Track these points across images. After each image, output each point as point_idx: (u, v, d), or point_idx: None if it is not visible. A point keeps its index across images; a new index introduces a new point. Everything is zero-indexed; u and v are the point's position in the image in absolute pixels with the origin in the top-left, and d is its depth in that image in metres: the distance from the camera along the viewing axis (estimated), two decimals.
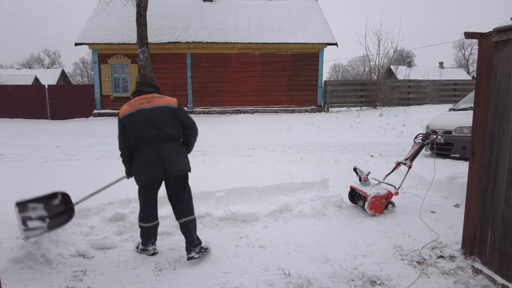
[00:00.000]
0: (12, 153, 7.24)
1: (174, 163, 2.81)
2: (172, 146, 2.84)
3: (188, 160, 2.98)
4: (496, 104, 2.40)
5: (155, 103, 2.86)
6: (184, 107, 3.03)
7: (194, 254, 2.83)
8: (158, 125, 2.80)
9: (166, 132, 2.82)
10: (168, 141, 2.84)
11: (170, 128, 2.84)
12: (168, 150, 2.81)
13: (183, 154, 2.93)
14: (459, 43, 45.63)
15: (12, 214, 3.16)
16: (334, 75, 55.73)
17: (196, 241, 2.89)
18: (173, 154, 2.82)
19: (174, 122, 2.88)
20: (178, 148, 2.90)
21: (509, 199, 2.28)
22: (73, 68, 54.51)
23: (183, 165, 2.88)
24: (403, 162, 4.22)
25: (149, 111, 2.82)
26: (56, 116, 15.39)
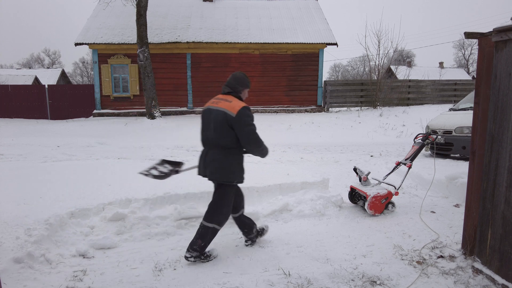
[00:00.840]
0: (12, 153, 7.25)
1: (211, 169, 2.83)
2: (217, 153, 2.82)
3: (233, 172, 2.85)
4: (496, 104, 2.40)
5: (219, 105, 2.82)
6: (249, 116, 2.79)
7: (189, 255, 2.81)
8: (212, 130, 2.81)
9: (216, 139, 2.80)
10: (216, 148, 2.83)
11: (219, 136, 2.78)
12: (212, 155, 2.84)
13: (225, 164, 2.81)
14: (459, 43, 45.66)
15: (12, 214, 3.17)
16: (334, 75, 55.78)
17: (194, 246, 2.80)
18: (215, 161, 2.81)
19: (225, 131, 2.75)
20: (223, 157, 2.81)
21: (509, 199, 2.28)
22: (73, 68, 54.58)
23: (217, 174, 2.82)
24: (403, 162, 4.22)
25: (211, 112, 2.85)
26: (56, 116, 15.39)
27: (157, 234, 3.40)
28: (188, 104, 15.25)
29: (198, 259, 2.83)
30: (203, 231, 2.85)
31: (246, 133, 2.77)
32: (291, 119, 13.12)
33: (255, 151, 2.88)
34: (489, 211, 2.47)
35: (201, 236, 2.83)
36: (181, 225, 3.59)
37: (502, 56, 2.34)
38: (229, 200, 2.94)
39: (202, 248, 2.83)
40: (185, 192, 4.05)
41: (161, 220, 3.58)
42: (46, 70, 40.66)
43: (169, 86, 14.98)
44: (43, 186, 4.22)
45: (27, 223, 3.03)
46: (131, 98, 15.08)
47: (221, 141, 2.79)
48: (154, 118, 12.93)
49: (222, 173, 2.83)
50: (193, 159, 6.86)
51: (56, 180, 4.52)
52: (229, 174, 2.84)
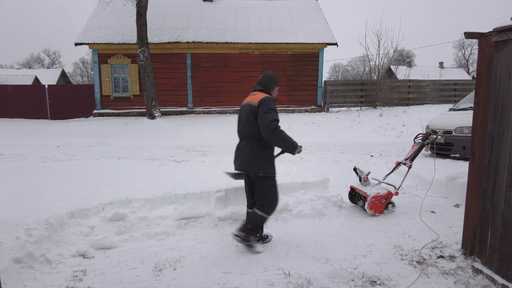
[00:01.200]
0: (12, 153, 7.25)
1: (242, 161, 2.99)
2: (250, 146, 2.97)
3: (260, 162, 2.93)
4: (496, 104, 2.40)
5: (247, 100, 3.06)
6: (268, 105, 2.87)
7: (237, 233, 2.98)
8: (242, 122, 3.04)
9: (245, 130, 2.99)
10: (247, 139, 3.00)
11: (247, 127, 2.96)
12: (244, 147, 3.01)
13: (256, 155, 2.93)
14: (459, 43, 45.65)
15: (12, 214, 3.16)
16: (334, 75, 55.77)
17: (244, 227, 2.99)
18: (247, 153, 2.96)
19: (250, 121, 2.93)
20: (254, 147, 2.95)
21: (509, 199, 2.28)
22: (73, 68, 54.58)
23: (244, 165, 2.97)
24: (403, 162, 4.22)
25: (242, 107, 3.09)
26: (56, 116, 15.38)
27: (157, 234, 3.40)
28: (188, 104, 15.25)
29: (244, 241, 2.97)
30: (250, 216, 3.04)
31: (262, 116, 2.83)
32: (291, 119, 13.13)
33: (267, 134, 2.84)
34: (489, 211, 2.47)
35: (250, 220, 3.02)
36: (181, 225, 3.59)
37: (502, 56, 2.34)
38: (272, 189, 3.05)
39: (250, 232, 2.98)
40: (185, 192, 4.05)
41: (161, 220, 3.58)
42: (46, 70, 40.65)
43: (169, 86, 14.98)
44: (43, 186, 4.22)
45: (27, 223, 3.03)
46: (131, 98, 15.08)
47: (250, 132, 2.94)
48: (154, 118, 12.93)
49: (255, 163, 2.94)
50: (194, 159, 6.87)
51: (56, 180, 4.52)
52: (255, 164, 2.93)
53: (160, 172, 5.08)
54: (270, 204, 3.05)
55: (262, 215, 3.02)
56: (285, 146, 2.96)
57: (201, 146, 9.15)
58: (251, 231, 3.00)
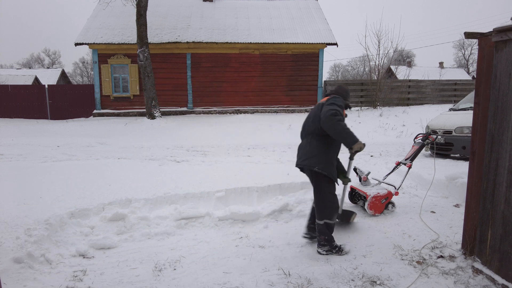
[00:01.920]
0: (12, 153, 7.24)
1: (301, 156, 3.02)
2: (310, 141, 2.99)
3: (316, 157, 2.87)
4: (496, 104, 2.40)
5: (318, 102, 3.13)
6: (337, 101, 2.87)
7: (321, 251, 2.98)
8: (305, 122, 3.12)
9: (309, 127, 3.03)
10: (309, 135, 3.03)
11: (309, 124, 3.03)
12: (305, 143, 3.04)
13: (310, 150, 2.92)
14: (459, 43, 45.64)
15: (12, 214, 3.17)
16: (334, 75, 55.75)
17: (322, 241, 2.98)
18: (306, 148, 2.98)
19: (316, 118, 2.97)
20: (309, 143, 2.97)
21: (509, 199, 2.28)
22: (73, 68, 54.55)
23: (306, 160, 2.94)
24: (403, 162, 4.22)
25: (312, 109, 3.16)
26: (56, 116, 15.38)
27: (157, 234, 3.40)
28: (188, 104, 15.25)
29: (330, 252, 2.96)
30: (319, 228, 3.00)
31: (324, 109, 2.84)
32: (291, 119, 13.12)
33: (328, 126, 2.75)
34: (489, 211, 2.47)
35: (321, 232, 2.99)
36: (181, 225, 3.59)
37: (502, 56, 2.34)
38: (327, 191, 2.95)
39: (328, 241, 2.98)
40: (185, 192, 4.05)
41: (161, 220, 3.59)
42: (46, 70, 40.64)
43: (169, 86, 14.98)
44: (43, 186, 4.22)
45: (27, 223, 3.04)
46: (131, 98, 15.07)
47: (311, 128, 2.99)
48: (154, 118, 12.93)
49: (313, 159, 2.90)
50: (193, 159, 6.87)
51: (56, 180, 4.52)
52: (313, 158, 2.89)
53: (160, 172, 5.08)
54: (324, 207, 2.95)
55: (326, 222, 2.96)
56: (342, 136, 2.77)
57: (201, 146, 9.15)
58: (329, 241, 2.98)
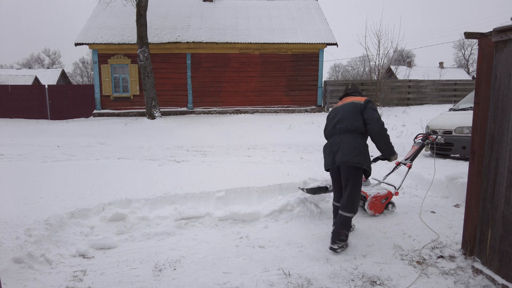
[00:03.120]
0: (12, 153, 7.24)
1: (340, 153, 3.01)
2: (346, 138, 3.04)
3: (361, 154, 2.98)
4: (496, 104, 2.40)
5: (346, 101, 3.22)
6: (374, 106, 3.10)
7: (336, 248, 2.97)
8: (339, 119, 3.12)
9: (344, 125, 3.07)
10: (346, 133, 3.06)
11: (349, 121, 3.05)
12: (341, 141, 3.05)
13: (355, 147, 2.99)
14: (459, 43, 45.65)
15: (12, 214, 3.16)
16: (334, 75, 55.76)
17: (342, 236, 2.99)
18: (345, 145, 3.01)
19: (356, 116, 3.04)
20: (352, 140, 3.01)
21: (509, 199, 2.28)
22: (73, 68, 54.56)
23: (347, 155, 2.97)
24: (403, 162, 4.22)
25: (339, 107, 3.24)
26: (56, 116, 15.39)
27: (157, 234, 3.40)
28: (188, 104, 15.25)
29: (342, 248, 3.00)
30: (343, 220, 3.03)
31: (371, 114, 3.03)
32: (291, 119, 13.12)
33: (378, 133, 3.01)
34: (489, 211, 2.47)
35: (344, 226, 3.02)
36: (181, 225, 3.59)
37: (502, 56, 2.34)
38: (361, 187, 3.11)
39: (346, 236, 3.04)
40: (185, 192, 4.05)
41: (161, 220, 3.58)
42: (46, 70, 40.64)
43: (169, 86, 14.98)
44: (43, 186, 4.22)
45: (27, 223, 3.04)
46: (131, 98, 15.08)
47: (350, 126, 3.04)
48: (154, 118, 12.93)
49: (355, 155, 2.96)
50: (193, 159, 6.87)
51: (56, 180, 4.52)
52: (360, 156, 2.98)
53: (160, 172, 5.08)
54: (357, 201, 3.09)
55: (352, 215, 3.06)
56: (386, 147, 3.08)
57: (201, 146, 9.15)
58: (346, 236, 3.04)
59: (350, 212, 3.03)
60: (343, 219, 3.03)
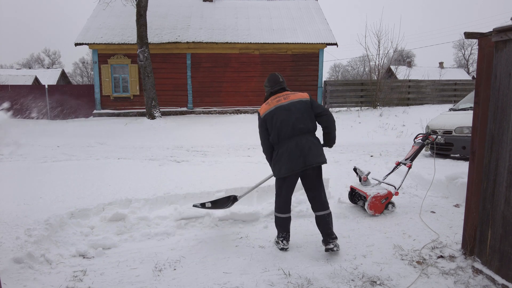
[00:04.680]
0: (12, 153, 7.24)
1: (313, 155, 2.95)
2: (310, 138, 3.00)
3: (323, 152, 3.07)
4: (496, 104, 2.40)
5: (291, 99, 3.07)
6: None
7: (333, 246, 2.91)
8: (297, 119, 2.99)
9: (304, 125, 2.99)
10: (306, 133, 3.01)
11: (307, 121, 3.01)
12: (307, 142, 2.97)
13: (320, 146, 3.06)
14: (459, 43, 45.63)
15: (12, 214, 3.16)
16: (334, 75, 55.75)
17: (334, 234, 2.98)
18: (313, 146, 2.97)
19: (310, 114, 3.04)
20: (316, 140, 3.05)
21: (509, 199, 2.28)
22: (73, 68, 54.52)
23: (320, 156, 3.00)
24: (403, 162, 4.22)
25: (287, 107, 3.03)
26: (56, 116, 15.39)
27: (157, 234, 3.40)
28: (188, 104, 15.25)
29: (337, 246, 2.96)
30: (329, 219, 3.03)
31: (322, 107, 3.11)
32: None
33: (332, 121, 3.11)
34: (489, 211, 2.47)
35: (331, 223, 3.03)
36: (181, 225, 3.59)
37: (502, 56, 2.34)
38: None
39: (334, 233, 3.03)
40: (185, 192, 4.05)
41: (161, 220, 3.58)
42: (46, 70, 40.63)
43: (169, 86, 14.98)
44: (43, 186, 4.22)
45: (27, 223, 3.03)
46: (131, 98, 15.08)
47: (310, 126, 3.03)
48: (154, 118, 12.93)
49: (323, 154, 3.03)
50: (193, 159, 6.87)
51: (56, 180, 4.52)
52: (324, 155, 3.06)
53: (160, 172, 5.08)
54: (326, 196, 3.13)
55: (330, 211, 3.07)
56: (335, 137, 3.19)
57: (201, 146, 9.15)
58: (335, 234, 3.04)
59: (328, 208, 3.06)
60: (329, 216, 3.03)
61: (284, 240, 3.12)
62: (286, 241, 3.12)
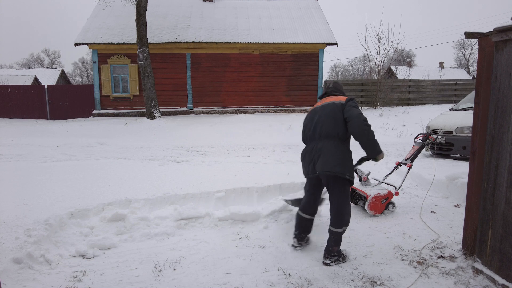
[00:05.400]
0: (12, 153, 7.23)
1: (321, 163, 2.72)
2: (328, 144, 2.75)
3: (342, 163, 2.69)
4: (496, 104, 2.40)
5: (326, 101, 2.93)
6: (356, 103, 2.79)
7: (329, 262, 2.79)
8: (319, 122, 2.83)
9: (325, 129, 2.78)
10: (327, 138, 2.77)
11: (330, 125, 2.76)
12: (322, 148, 2.75)
13: (336, 155, 2.70)
14: (459, 43, 45.65)
15: (12, 214, 3.16)
16: (334, 75, 55.74)
17: (333, 252, 2.79)
18: (325, 153, 2.72)
19: (337, 119, 2.74)
20: (333, 147, 2.73)
21: (510, 199, 2.28)
22: (73, 68, 54.54)
23: (328, 165, 2.68)
24: (404, 162, 4.22)
25: (317, 108, 2.94)
26: (56, 116, 15.38)
27: (157, 234, 3.40)
28: (188, 104, 15.25)
29: (337, 261, 2.82)
30: (334, 237, 2.79)
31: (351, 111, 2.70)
32: (291, 119, 13.11)
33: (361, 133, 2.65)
34: (490, 211, 2.47)
35: (335, 243, 2.79)
36: (181, 226, 3.59)
37: (502, 56, 2.34)
38: (348, 196, 2.82)
39: (339, 252, 2.84)
40: (185, 192, 4.05)
41: (161, 220, 3.58)
42: (45, 70, 40.61)
43: (169, 86, 14.98)
44: (43, 186, 4.22)
45: (26, 223, 3.03)
46: (131, 98, 15.07)
47: (332, 131, 2.75)
48: (154, 118, 12.92)
49: (336, 164, 2.67)
50: (193, 159, 6.86)
51: (56, 180, 4.52)
52: (342, 165, 2.69)
53: (160, 172, 5.08)
54: (345, 213, 2.78)
55: (344, 229, 2.80)
56: (370, 144, 2.68)
57: (201, 146, 9.14)
58: (340, 251, 2.84)
59: (339, 227, 2.76)
60: (334, 235, 2.78)
61: (295, 238, 3.09)
62: (297, 240, 3.08)
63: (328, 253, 2.82)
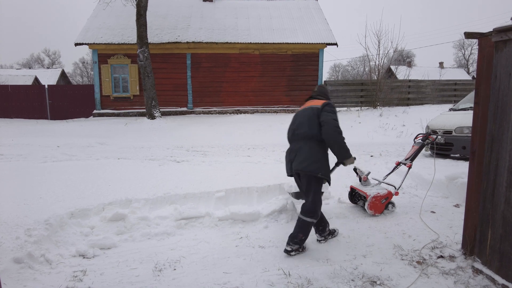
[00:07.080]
0: (12, 153, 7.24)
1: (297, 161, 2.94)
2: (304, 145, 2.96)
3: (319, 162, 2.89)
4: (496, 104, 2.40)
5: (307, 105, 3.14)
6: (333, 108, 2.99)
7: (290, 250, 2.93)
8: (298, 125, 3.05)
9: (302, 131, 2.99)
10: (304, 139, 2.97)
11: (306, 127, 2.96)
12: (299, 148, 2.97)
13: (310, 155, 2.90)
14: (459, 43, 45.65)
15: (12, 214, 3.16)
16: (334, 75, 55.74)
17: (296, 239, 2.93)
18: (301, 152, 2.94)
19: (313, 122, 2.95)
20: (308, 148, 2.93)
21: (509, 199, 2.28)
22: (73, 68, 54.53)
23: (303, 164, 2.90)
24: (403, 162, 4.22)
25: (298, 112, 3.18)
26: (56, 116, 15.38)
27: (157, 234, 3.40)
28: (188, 104, 15.25)
29: (297, 251, 2.97)
30: (300, 223, 2.95)
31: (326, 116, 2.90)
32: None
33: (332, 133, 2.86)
34: (489, 211, 2.47)
35: (300, 230, 2.94)
36: (181, 225, 3.59)
37: (502, 56, 2.34)
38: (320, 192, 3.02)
39: (302, 241, 2.97)
40: (185, 192, 4.05)
41: (161, 220, 3.58)
42: (46, 70, 40.61)
43: (169, 86, 14.98)
44: (43, 186, 4.22)
45: (27, 223, 3.04)
46: (131, 98, 15.08)
47: (309, 132, 2.94)
48: (154, 118, 12.93)
49: (311, 163, 2.88)
50: (193, 159, 6.87)
51: (56, 180, 4.52)
52: (315, 164, 2.88)
53: (160, 172, 5.08)
54: (318, 208, 2.98)
55: (312, 221, 2.96)
56: (340, 149, 2.92)
57: (201, 146, 9.15)
58: (303, 241, 2.98)
59: (310, 218, 2.94)
60: (302, 223, 2.95)
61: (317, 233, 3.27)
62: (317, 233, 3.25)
63: (291, 240, 2.95)
